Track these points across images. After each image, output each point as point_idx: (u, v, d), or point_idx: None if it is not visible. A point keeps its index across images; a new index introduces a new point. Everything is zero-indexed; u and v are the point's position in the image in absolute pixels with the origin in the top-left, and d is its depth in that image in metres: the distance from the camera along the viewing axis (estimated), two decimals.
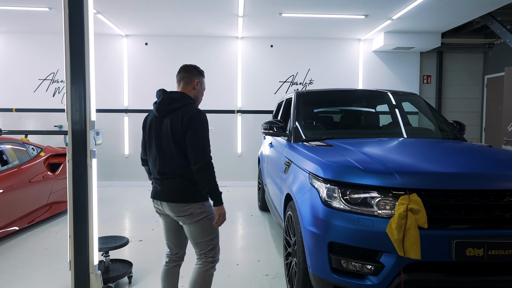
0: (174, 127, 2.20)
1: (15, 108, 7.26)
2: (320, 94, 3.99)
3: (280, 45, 7.50)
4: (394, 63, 7.59)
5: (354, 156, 2.45)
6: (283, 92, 7.54)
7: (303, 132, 3.39)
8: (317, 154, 2.61)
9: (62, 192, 5.05)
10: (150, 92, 7.38)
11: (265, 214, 5.34)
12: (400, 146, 2.94)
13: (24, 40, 7.21)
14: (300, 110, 3.68)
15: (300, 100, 3.80)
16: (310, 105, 3.92)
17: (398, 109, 3.95)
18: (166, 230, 2.46)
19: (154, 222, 4.84)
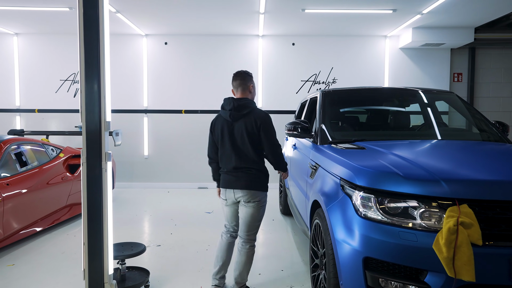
0: (249, 128, 2.69)
1: (37, 109, 7.30)
2: (347, 93, 3.74)
3: (302, 43, 7.27)
4: (422, 61, 7.23)
5: (391, 160, 2.21)
6: (305, 91, 7.30)
7: (330, 134, 3.16)
8: (349, 157, 2.38)
9: (79, 194, 4.97)
10: (170, 92, 7.29)
11: (287, 218, 5.12)
12: (440, 149, 2.67)
13: (45, 41, 7.24)
14: (326, 110, 3.45)
15: (326, 100, 3.56)
16: (337, 105, 3.68)
17: (431, 109, 3.66)
18: (232, 215, 2.96)
19: (173, 226, 4.71)
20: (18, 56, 7.29)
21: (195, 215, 5.27)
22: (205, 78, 7.27)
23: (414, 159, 2.21)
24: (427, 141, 2.99)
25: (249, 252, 2.81)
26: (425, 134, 3.34)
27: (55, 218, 4.49)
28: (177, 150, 7.34)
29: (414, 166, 2.07)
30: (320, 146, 3.04)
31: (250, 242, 2.82)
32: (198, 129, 7.27)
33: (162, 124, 7.33)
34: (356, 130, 3.52)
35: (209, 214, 5.36)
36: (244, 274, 2.82)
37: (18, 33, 7.25)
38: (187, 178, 7.36)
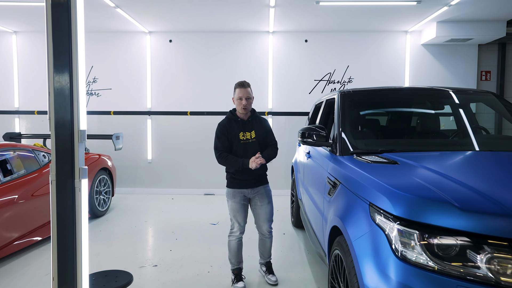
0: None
1: (37, 111, 6.97)
2: (370, 94, 3.25)
3: (315, 40, 6.77)
4: (446, 58, 6.65)
5: (437, 181, 1.72)
6: (319, 91, 6.80)
7: (352, 143, 2.67)
8: (380, 176, 1.90)
9: None
10: (174, 93, 6.87)
11: (299, 232, 4.64)
12: (496, 165, 2.16)
13: (44, 40, 6.89)
14: (346, 114, 2.96)
15: (345, 102, 3.08)
16: (358, 108, 3.19)
17: (466, 111, 3.14)
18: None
19: (173, 241, 4.27)
20: (17, 55, 6.97)
21: (198, 227, 4.83)
22: (212, 78, 6.84)
23: (468, 180, 1.71)
24: (474, 153, 2.47)
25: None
26: (465, 143, 2.82)
27: (42, 233, 4.10)
28: (182, 154, 6.92)
29: (472, 192, 1.58)
30: (340, 158, 2.56)
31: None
32: (204, 132, 6.84)
33: (166, 127, 6.93)
34: (381, 138, 3.03)
35: (214, 226, 4.91)
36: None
37: (17, 31, 6.92)
38: (193, 184, 6.94)
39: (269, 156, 3.06)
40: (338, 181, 2.34)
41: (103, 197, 5.36)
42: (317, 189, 2.95)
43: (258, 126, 3.13)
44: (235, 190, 3.08)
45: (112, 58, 6.88)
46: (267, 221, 3.13)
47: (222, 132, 3.05)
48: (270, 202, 3.15)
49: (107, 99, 6.92)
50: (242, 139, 3.04)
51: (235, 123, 3.09)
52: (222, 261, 3.63)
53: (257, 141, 3.08)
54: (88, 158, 5.09)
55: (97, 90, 6.93)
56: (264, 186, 3.15)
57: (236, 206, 3.08)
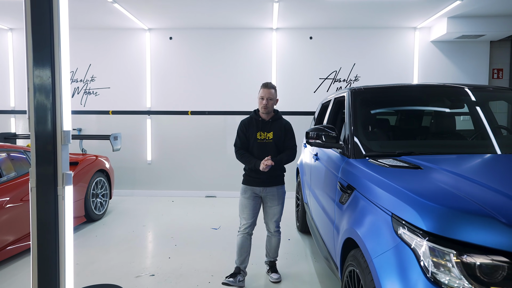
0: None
1: None
2: (384, 92, 3.01)
3: (320, 37, 6.54)
4: (457, 55, 6.41)
5: (473, 191, 1.49)
6: (324, 90, 6.57)
7: (366, 144, 2.45)
8: (403, 183, 1.67)
9: None
10: (175, 92, 6.65)
11: (305, 238, 4.41)
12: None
13: None
14: (358, 113, 2.74)
15: (357, 100, 2.85)
16: (371, 106, 2.96)
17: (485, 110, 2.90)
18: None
19: (172, 247, 4.05)
20: (13, 53, 6.77)
21: (199, 232, 4.61)
22: (213, 76, 6.62)
23: (508, 189, 1.48)
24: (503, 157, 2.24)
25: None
26: (489, 145, 2.58)
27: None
28: (183, 155, 6.70)
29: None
30: (353, 161, 2.33)
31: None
32: (206, 132, 6.62)
33: (166, 127, 6.71)
34: (396, 139, 2.79)
35: (215, 230, 4.69)
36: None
37: (13, 28, 6.72)
38: (194, 186, 6.72)
39: (281, 160, 3.06)
40: (352, 187, 2.12)
41: (100, 200, 5.14)
42: (327, 195, 2.73)
43: (278, 128, 3.15)
44: (246, 187, 3.13)
45: (110, 56, 6.67)
46: (275, 221, 3.18)
47: (241, 129, 3.14)
48: (281, 204, 3.18)
49: (106, 98, 6.71)
50: (259, 138, 3.09)
51: (255, 122, 3.14)
52: (224, 270, 3.40)
53: (274, 143, 3.10)
54: (84, 159, 4.88)
55: (95, 89, 6.72)
56: (277, 187, 3.15)
57: (244, 201, 3.12)
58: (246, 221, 3.11)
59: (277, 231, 3.21)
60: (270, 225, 3.19)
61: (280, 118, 3.20)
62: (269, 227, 3.21)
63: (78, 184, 4.56)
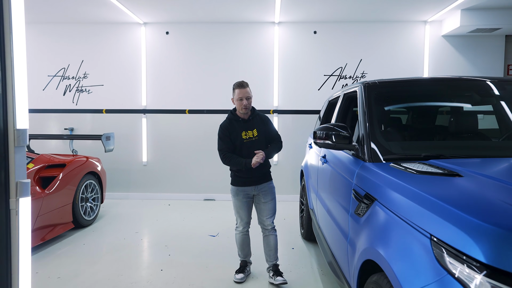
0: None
1: None
2: (402, 86, 2.66)
3: (325, 31, 6.19)
4: (470, 50, 6.05)
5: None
6: (329, 88, 6.23)
7: (385, 146, 2.10)
8: (443, 195, 1.33)
9: (54, 213, 4.05)
10: (172, 90, 6.32)
11: (310, 246, 4.07)
12: None
13: (31, 32, 6.37)
14: (373, 110, 2.39)
15: (371, 95, 2.51)
16: (387, 102, 2.61)
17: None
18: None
19: (165, 257, 3.72)
20: None
21: (195, 239, 4.27)
22: (212, 73, 6.28)
23: None
24: None
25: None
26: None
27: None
28: (180, 156, 6.37)
29: None
30: (371, 166, 1.99)
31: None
32: (204, 132, 6.29)
33: (163, 126, 6.38)
34: (419, 139, 2.44)
35: (213, 238, 4.35)
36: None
37: None
38: (192, 189, 6.38)
39: (272, 152, 3.08)
40: (371, 197, 1.77)
41: (90, 204, 4.81)
42: (338, 203, 2.38)
43: (260, 123, 3.13)
44: (238, 188, 3.12)
45: (103, 51, 6.33)
46: (270, 217, 3.15)
47: (224, 133, 3.07)
48: (274, 199, 3.17)
49: (99, 96, 6.37)
50: (245, 138, 3.04)
51: (236, 123, 3.09)
52: (222, 285, 3.07)
53: (262, 139, 3.08)
54: (72, 161, 4.54)
55: (87, 86, 6.38)
56: (268, 183, 3.15)
57: (238, 203, 3.14)
58: (243, 220, 3.17)
59: (273, 227, 3.19)
60: (266, 222, 3.14)
61: (258, 113, 3.19)
62: (264, 224, 3.16)
63: (65, 187, 4.22)
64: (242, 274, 3.18)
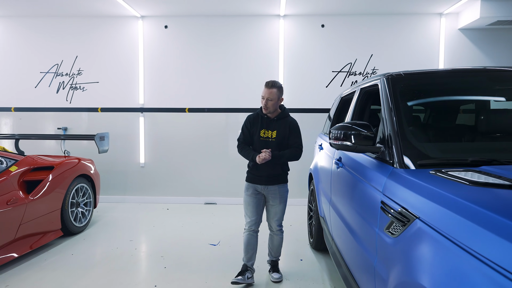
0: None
1: (13, 107, 6.11)
2: (433, 78, 2.29)
3: (333, 25, 5.83)
4: (489, 45, 5.67)
5: None
6: (337, 84, 5.86)
7: (420, 148, 1.74)
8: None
9: (40, 221, 3.70)
10: (171, 87, 5.97)
11: (321, 257, 3.70)
12: None
13: (23, 26, 6.04)
14: (401, 106, 2.03)
15: (396, 89, 2.15)
16: (416, 97, 2.25)
17: None
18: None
19: (161, 270, 3.36)
20: None
21: (195, 249, 3.92)
22: (213, 70, 5.92)
23: None
24: None
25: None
26: None
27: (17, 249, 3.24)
28: (180, 157, 6.01)
29: None
30: (405, 173, 1.62)
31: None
32: (205, 132, 5.93)
33: (161, 126, 6.03)
34: (461, 140, 2.07)
35: (214, 247, 4.00)
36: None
37: None
38: (192, 192, 6.03)
39: (282, 156, 2.96)
40: (410, 213, 1.40)
41: (81, 209, 4.46)
42: (360, 215, 2.02)
43: (283, 127, 3.03)
44: (249, 184, 3.11)
45: (99, 47, 5.99)
46: (277, 220, 3.13)
47: (246, 125, 3.10)
48: (282, 203, 3.10)
49: (94, 94, 6.03)
50: (262, 136, 3.02)
51: (260, 119, 3.06)
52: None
53: (276, 142, 3.00)
54: (61, 163, 4.19)
55: (82, 83, 6.04)
56: (279, 186, 3.07)
57: (247, 199, 3.10)
58: (250, 218, 3.09)
59: (279, 230, 3.16)
60: (272, 224, 3.14)
61: (287, 117, 3.09)
62: (271, 226, 3.16)
63: (52, 192, 3.88)
64: (240, 276, 3.05)
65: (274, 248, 3.21)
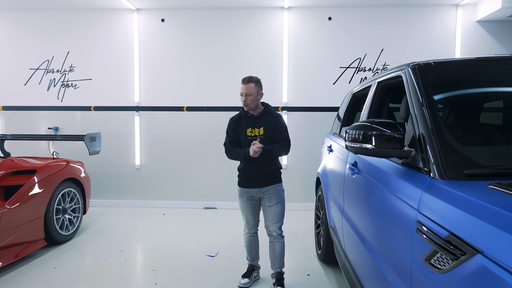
0: None
1: (2, 106, 5.77)
2: (471, 67, 1.90)
3: (341, 17, 5.44)
4: (510, 38, 5.26)
5: None
6: (345, 81, 5.47)
7: (466, 153, 1.36)
8: None
9: (19, 230, 3.35)
10: (168, 84, 5.61)
11: (330, 272, 3.32)
12: None
13: (11, 20, 5.70)
14: (433, 100, 1.66)
15: (426, 80, 1.78)
16: (451, 90, 1.86)
17: None
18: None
19: (151, 287, 3.00)
20: None
21: (190, 260, 3.55)
22: (213, 66, 5.56)
23: None
24: None
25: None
26: None
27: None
28: (178, 159, 5.66)
29: None
30: (451, 187, 1.25)
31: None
32: (204, 132, 5.57)
33: (158, 125, 5.67)
34: (507, 143, 1.69)
35: (212, 258, 3.63)
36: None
37: None
38: (190, 196, 5.67)
39: (272, 150, 2.81)
40: (465, 243, 1.03)
41: (69, 216, 4.11)
42: (385, 236, 1.64)
43: (268, 122, 2.92)
44: (242, 189, 2.99)
45: (92, 41, 5.64)
46: (276, 222, 2.93)
47: (230, 127, 2.99)
48: (280, 203, 2.93)
49: (87, 92, 5.69)
50: (250, 135, 2.90)
51: (244, 118, 2.95)
52: None
53: (265, 138, 2.86)
54: (45, 166, 3.84)
55: (74, 81, 5.70)
56: (274, 186, 2.92)
57: (242, 205, 3.00)
58: (248, 222, 3.03)
59: (279, 234, 2.96)
60: (272, 228, 2.94)
61: (270, 112, 2.97)
62: (270, 230, 2.96)
63: (34, 198, 3.53)
64: (247, 279, 3.01)
65: (277, 257, 2.98)
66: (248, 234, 3.06)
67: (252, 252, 3.09)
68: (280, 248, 2.97)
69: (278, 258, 2.98)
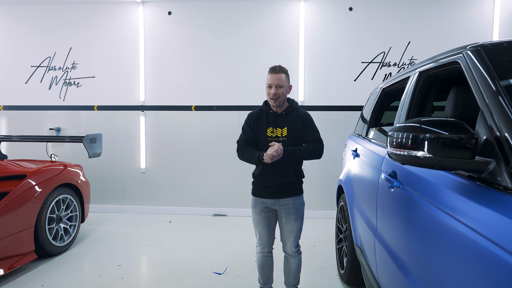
0: None
1: (2, 106, 5.49)
2: None
3: (363, 7, 4.96)
4: None
5: None
6: (368, 77, 4.99)
7: None
8: None
9: (4, 242, 3.00)
10: (175, 82, 5.23)
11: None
12: None
13: (10, 15, 5.41)
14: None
15: (501, 65, 1.32)
16: None
17: None
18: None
19: None
20: None
21: (195, 279, 3.14)
22: (223, 62, 5.14)
23: None
24: None
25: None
26: None
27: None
28: (185, 162, 5.27)
29: None
30: None
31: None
32: (214, 133, 5.17)
33: (164, 126, 5.29)
34: None
35: (219, 276, 3.21)
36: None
37: None
38: (199, 202, 5.27)
39: (297, 152, 2.36)
40: None
41: (64, 225, 3.76)
42: (449, 279, 1.18)
43: (294, 122, 2.48)
44: (256, 199, 2.56)
45: (95, 37, 5.31)
46: (294, 240, 2.56)
47: (248, 123, 2.58)
48: (299, 219, 2.54)
49: (90, 90, 5.35)
50: (270, 135, 2.48)
51: (266, 115, 2.54)
52: None
53: (289, 141, 2.45)
54: (37, 171, 3.49)
55: (76, 78, 5.37)
56: (293, 199, 2.51)
57: (256, 217, 2.57)
58: (261, 239, 2.59)
59: (296, 251, 2.60)
60: (288, 245, 2.58)
61: (297, 109, 2.55)
62: (286, 247, 2.60)
63: (22, 206, 3.17)
64: None
65: (292, 274, 2.65)
66: (261, 254, 2.64)
67: (265, 274, 2.67)
68: (296, 265, 2.62)
69: (293, 275, 2.65)
